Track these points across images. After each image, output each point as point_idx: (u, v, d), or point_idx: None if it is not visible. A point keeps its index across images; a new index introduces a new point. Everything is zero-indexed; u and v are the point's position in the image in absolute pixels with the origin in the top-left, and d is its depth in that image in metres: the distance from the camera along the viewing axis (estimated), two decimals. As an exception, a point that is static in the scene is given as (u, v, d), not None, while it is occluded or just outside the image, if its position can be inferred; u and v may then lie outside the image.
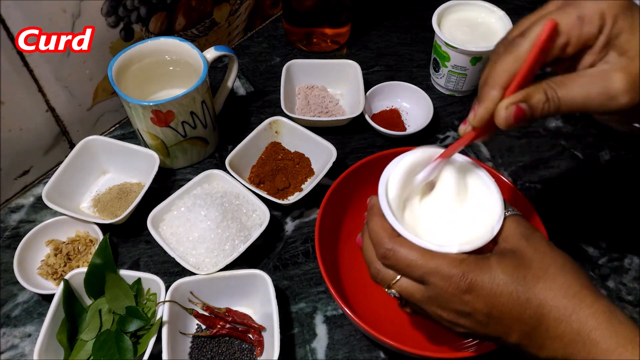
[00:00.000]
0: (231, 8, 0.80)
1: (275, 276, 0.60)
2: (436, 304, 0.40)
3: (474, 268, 0.38)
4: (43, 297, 0.59)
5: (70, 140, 0.69)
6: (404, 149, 0.59)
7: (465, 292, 0.38)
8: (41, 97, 0.62)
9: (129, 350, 0.51)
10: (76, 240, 0.61)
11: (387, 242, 0.41)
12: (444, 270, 0.38)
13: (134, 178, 0.67)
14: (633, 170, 0.70)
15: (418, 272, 0.39)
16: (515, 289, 0.37)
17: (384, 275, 0.42)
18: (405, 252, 0.40)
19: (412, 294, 0.41)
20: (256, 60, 0.82)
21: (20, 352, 0.55)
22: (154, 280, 0.55)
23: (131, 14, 0.66)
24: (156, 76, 0.67)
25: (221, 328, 0.54)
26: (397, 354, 0.54)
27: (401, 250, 0.40)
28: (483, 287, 0.38)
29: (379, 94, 0.74)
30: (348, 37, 0.83)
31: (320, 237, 0.53)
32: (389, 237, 0.41)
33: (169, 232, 0.59)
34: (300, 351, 0.55)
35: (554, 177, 0.69)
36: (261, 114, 0.75)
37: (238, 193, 0.62)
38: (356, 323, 0.48)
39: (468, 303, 0.38)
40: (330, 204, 0.55)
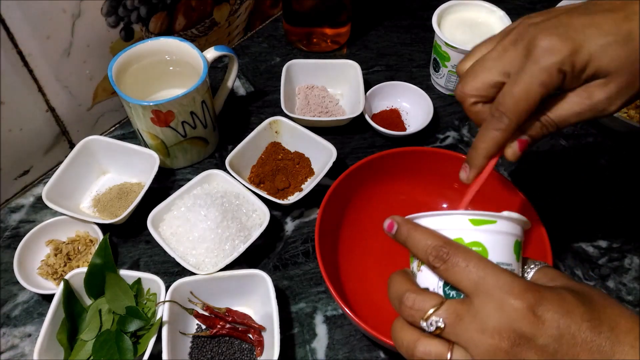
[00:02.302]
0: (231, 8, 0.80)
1: (275, 276, 0.60)
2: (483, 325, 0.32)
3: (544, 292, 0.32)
4: (43, 297, 0.59)
5: (70, 140, 0.69)
6: (404, 149, 0.60)
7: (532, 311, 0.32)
8: (41, 97, 0.62)
9: (129, 350, 0.51)
10: (76, 240, 0.61)
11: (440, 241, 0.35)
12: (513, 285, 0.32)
13: (134, 178, 0.67)
14: (633, 170, 0.70)
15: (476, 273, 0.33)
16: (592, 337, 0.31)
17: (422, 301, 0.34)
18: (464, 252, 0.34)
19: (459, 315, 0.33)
20: (256, 60, 0.82)
21: (20, 352, 0.55)
22: (154, 280, 0.55)
23: (131, 14, 0.66)
24: (156, 76, 0.67)
25: (221, 328, 0.54)
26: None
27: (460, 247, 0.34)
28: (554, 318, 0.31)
29: (379, 94, 0.74)
30: (348, 37, 0.83)
31: (320, 237, 0.53)
32: (440, 238, 0.35)
33: (169, 232, 0.59)
34: (300, 351, 0.55)
35: (554, 177, 0.69)
36: (261, 114, 0.75)
37: (238, 193, 0.62)
38: (356, 323, 0.48)
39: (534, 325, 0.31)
40: (330, 204, 0.55)
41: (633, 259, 0.62)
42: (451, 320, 0.33)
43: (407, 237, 0.37)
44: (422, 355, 0.34)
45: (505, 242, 0.36)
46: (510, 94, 0.38)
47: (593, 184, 0.68)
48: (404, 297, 0.35)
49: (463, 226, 0.36)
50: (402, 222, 0.37)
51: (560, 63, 0.36)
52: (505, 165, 0.70)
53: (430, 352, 0.33)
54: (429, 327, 0.33)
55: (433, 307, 0.33)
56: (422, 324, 0.34)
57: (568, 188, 0.68)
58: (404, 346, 0.35)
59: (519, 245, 0.37)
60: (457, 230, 0.36)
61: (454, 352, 0.33)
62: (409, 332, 0.35)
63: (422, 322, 0.34)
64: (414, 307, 0.34)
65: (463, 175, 0.43)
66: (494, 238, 0.36)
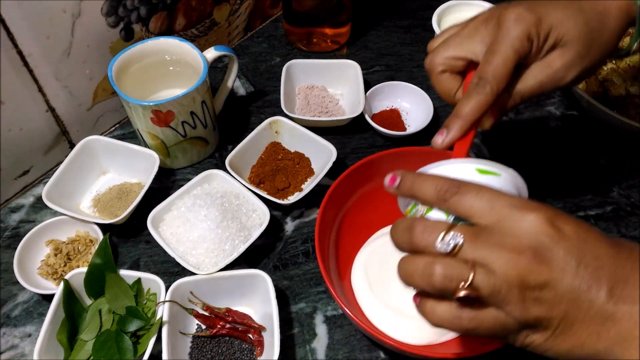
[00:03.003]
0: (231, 8, 0.80)
1: (275, 276, 0.60)
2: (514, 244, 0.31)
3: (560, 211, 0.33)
4: (43, 297, 0.59)
5: (70, 140, 0.69)
6: (404, 149, 0.60)
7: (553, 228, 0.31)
8: (41, 97, 0.62)
9: (129, 350, 0.51)
10: (76, 240, 0.61)
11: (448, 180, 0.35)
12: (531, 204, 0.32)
13: (134, 178, 0.67)
14: (633, 170, 0.70)
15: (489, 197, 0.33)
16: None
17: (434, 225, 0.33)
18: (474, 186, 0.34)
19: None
20: (256, 60, 0.82)
21: (20, 352, 0.55)
22: (154, 280, 0.55)
23: (131, 14, 0.66)
24: (156, 76, 0.67)
25: (221, 328, 0.54)
26: (397, 354, 0.54)
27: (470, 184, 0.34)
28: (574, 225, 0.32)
29: (379, 94, 0.74)
30: (348, 37, 0.83)
31: (320, 237, 0.53)
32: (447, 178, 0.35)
33: (169, 232, 0.59)
34: (300, 351, 0.55)
35: (553, 177, 0.69)
36: (261, 114, 0.75)
37: (238, 193, 0.62)
38: (356, 323, 0.48)
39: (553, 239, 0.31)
40: (330, 204, 0.55)
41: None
42: (468, 237, 0.32)
43: (413, 184, 0.36)
44: (441, 278, 0.32)
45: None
46: (490, 63, 0.41)
47: (593, 184, 0.68)
48: (413, 224, 0.34)
49: (470, 175, 0.37)
50: (406, 173, 0.37)
51: (527, 30, 0.40)
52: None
53: (452, 272, 0.32)
54: (445, 246, 0.32)
55: (445, 228, 0.33)
56: (438, 244, 0.32)
57: (568, 188, 0.68)
58: (418, 272, 0.33)
59: None
60: (464, 177, 0.36)
61: (477, 271, 0.31)
62: (421, 258, 0.33)
63: (438, 243, 0.32)
64: (426, 231, 0.33)
65: (438, 139, 0.43)
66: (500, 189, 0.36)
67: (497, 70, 0.41)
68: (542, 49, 0.42)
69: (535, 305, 0.31)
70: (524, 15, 0.40)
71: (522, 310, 0.31)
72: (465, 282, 0.31)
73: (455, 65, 0.44)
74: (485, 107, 0.42)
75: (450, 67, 0.44)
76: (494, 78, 0.41)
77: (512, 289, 0.31)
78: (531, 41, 0.41)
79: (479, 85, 0.41)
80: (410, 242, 0.34)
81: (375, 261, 0.59)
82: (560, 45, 0.42)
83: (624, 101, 0.70)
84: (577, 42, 0.41)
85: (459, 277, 0.31)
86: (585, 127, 0.74)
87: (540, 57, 0.43)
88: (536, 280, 0.31)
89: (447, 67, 0.44)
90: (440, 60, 0.44)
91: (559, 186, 0.68)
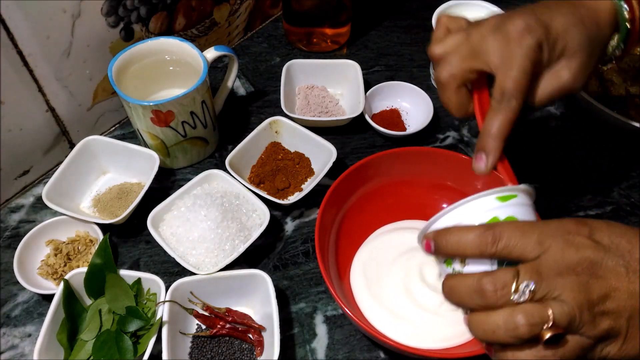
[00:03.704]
0: (231, 8, 0.80)
1: (275, 276, 0.60)
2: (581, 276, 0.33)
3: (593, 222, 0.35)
4: (43, 297, 0.59)
5: (70, 140, 0.69)
6: (404, 149, 0.60)
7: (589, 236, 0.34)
8: (41, 97, 0.62)
9: (129, 350, 0.51)
10: (76, 240, 0.61)
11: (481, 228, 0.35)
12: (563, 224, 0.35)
13: (134, 178, 0.67)
14: (633, 170, 0.70)
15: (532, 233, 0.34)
16: None
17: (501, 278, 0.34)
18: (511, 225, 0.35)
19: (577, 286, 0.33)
20: (256, 60, 0.82)
21: (20, 352, 0.55)
22: (154, 280, 0.55)
23: (131, 14, 0.66)
24: (156, 76, 0.67)
25: (221, 328, 0.54)
26: (397, 354, 0.54)
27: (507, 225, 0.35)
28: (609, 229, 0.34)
29: (379, 94, 0.74)
30: (348, 37, 0.83)
31: (320, 237, 0.53)
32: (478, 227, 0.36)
33: (169, 232, 0.59)
34: (300, 351, 0.55)
35: (554, 177, 0.69)
36: (261, 114, 0.75)
37: (238, 193, 0.62)
38: (356, 323, 0.48)
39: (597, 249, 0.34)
40: (330, 204, 0.55)
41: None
42: (536, 278, 0.33)
43: (451, 244, 0.37)
44: (527, 328, 0.32)
45: (529, 212, 0.39)
46: (510, 76, 0.41)
47: (593, 184, 0.68)
48: (482, 286, 0.34)
49: (493, 205, 0.37)
50: (437, 235, 0.38)
51: (539, 40, 0.41)
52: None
53: (534, 318, 0.32)
54: (522, 296, 0.33)
55: (513, 277, 0.33)
56: (514, 296, 0.33)
57: (568, 188, 0.68)
58: (501, 328, 0.33)
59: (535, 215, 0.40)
60: (490, 210, 0.37)
61: (552, 306, 0.33)
62: (498, 313, 0.34)
63: (514, 295, 0.33)
64: (497, 287, 0.34)
65: (481, 164, 0.43)
66: (522, 210, 0.38)
67: (518, 83, 0.41)
68: (552, 58, 0.42)
69: (604, 319, 0.33)
70: (533, 25, 0.40)
71: (594, 327, 0.33)
72: (548, 322, 0.32)
73: (469, 79, 0.43)
74: (514, 121, 0.42)
75: (468, 79, 0.44)
76: (517, 91, 0.41)
77: (584, 310, 0.33)
78: (542, 50, 0.41)
79: (504, 101, 0.41)
80: (486, 303, 0.34)
81: (374, 260, 0.59)
82: (567, 54, 0.42)
83: (624, 101, 0.70)
84: (581, 52, 0.42)
85: (542, 319, 0.33)
86: (585, 127, 0.74)
87: (549, 66, 0.43)
88: (599, 294, 0.33)
89: (465, 79, 0.43)
90: (459, 72, 0.43)
91: (559, 186, 0.68)
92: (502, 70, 0.41)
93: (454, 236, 0.36)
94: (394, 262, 0.58)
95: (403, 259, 0.58)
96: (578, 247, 0.34)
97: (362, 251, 0.60)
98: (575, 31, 0.42)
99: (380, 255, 0.59)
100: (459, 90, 0.44)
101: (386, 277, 0.57)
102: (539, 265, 0.34)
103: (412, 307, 0.55)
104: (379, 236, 0.61)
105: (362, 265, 0.58)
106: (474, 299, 0.35)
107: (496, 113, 0.42)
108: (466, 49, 0.43)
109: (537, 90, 0.43)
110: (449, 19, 0.47)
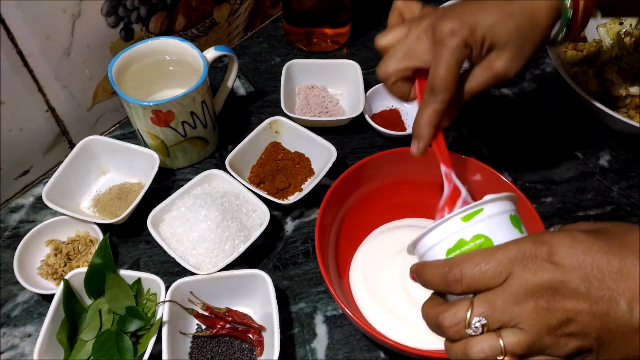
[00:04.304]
0: (231, 8, 0.80)
1: (275, 276, 0.60)
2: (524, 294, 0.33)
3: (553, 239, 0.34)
4: (43, 297, 0.59)
5: (70, 140, 0.69)
6: (404, 149, 0.59)
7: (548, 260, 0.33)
8: (41, 97, 0.62)
9: (129, 350, 0.51)
10: (76, 240, 0.61)
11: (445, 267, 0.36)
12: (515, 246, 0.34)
13: (134, 178, 0.67)
14: (633, 170, 0.70)
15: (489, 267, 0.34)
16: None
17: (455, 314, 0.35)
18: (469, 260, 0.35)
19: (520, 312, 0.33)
20: (256, 60, 0.82)
21: (20, 352, 0.55)
22: (154, 280, 0.55)
23: (131, 14, 0.66)
24: (156, 76, 0.67)
25: (221, 328, 0.54)
26: (397, 354, 0.54)
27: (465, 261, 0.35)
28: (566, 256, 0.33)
29: (379, 94, 0.74)
30: (348, 37, 0.83)
31: (320, 237, 0.53)
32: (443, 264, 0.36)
33: (169, 232, 0.59)
34: (300, 351, 0.55)
35: (554, 178, 0.69)
36: (261, 114, 0.75)
37: (238, 193, 0.62)
38: (356, 323, 0.48)
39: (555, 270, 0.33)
40: (330, 204, 0.55)
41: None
42: (488, 311, 0.34)
43: (424, 279, 0.38)
44: (481, 356, 0.34)
45: (501, 221, 0.38)
46: (437, 76, 0.45)
47: (593, 184, 0.68)
48: (439, 322, 0.36)
49: (458, 227, 0.37)
50: (414, 269, 0.40)
51: (464, 40, 0.44)
52: (505, 166, 0.70)
53: (484, 349, 0.34)
54: (476, 331, 0.34)
55: (467, 312, 0.34)
56: (469, 332, 0.34)
57: (568, 188, 0.68)
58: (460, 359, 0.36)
59: (516, 219, 0.39)
60: (455, 233, 0.38)
61: (503, 337, 0.33)
62: (457, 345, 0.35)
63: (468, 330, 0.34)
64: (452, 324, 0.35)
65: (414, 148, 0.49)
66: (489, 223, 0.37)
67: (445, 79, 0.45)
68: (482, 52, 0.46)
69: (570, 339, 0.33)
70: (457, 28, 0.44)
71: (560, 347, 0.33)
72: (502, 352, 0.33)
73: (406, 75, 0.49)
74: (442, 112, 0.47)
75: (402, 76, 0.49)
76: (443, 87, 0.45)
77: (544, 336, 0.33)
78: (469, 47, 0.45)
79: (432, 95, 0.46)
80: (447, 337, 0.36)
81: (372, 259, 0.59)
82: (496, 47, 0.46)
83: (624, 101, 0.70)
84: (510, 43, 0.46)
85: (493, 351, 0.33)
86: (585, 127, 0.74)
87: (481, 59, 0.47)
88: (559, 320, 0.33)
89: (400, 77, 0.49)
90: (393, 71, 0.48)
91: (559, 186, 0.68)
92: (432, 69, 0.46)
93: (426, 275, 0.38)
94: (391, 260, 0.58)
95: (399, 257, 0.58)
96: (535, 271, 0.33)
97: (360, 250, 0.60)
98: (502, 26, 0.45)
99: (379, 254, 0.59)
100: (397, 83, 0.50)
101: (384, 275, 0.57)
102: (494, 296, 0.34)
103: (410, 307, 0.54)
104: (377, 235, 0.61)
105: (361, 264, 0.59)
106: (437, 331, 0.37)
107: (425, 106, 0.47)
108: (402, 49, 0.48)
109: (472, 79, 0.48)
110: (403, 4, 0.51)
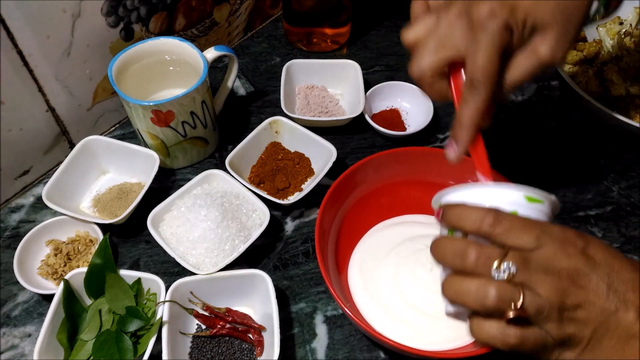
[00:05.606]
0: (231, 8, 0.80)
1: (275, 276, 0.60)
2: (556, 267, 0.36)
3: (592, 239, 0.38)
4: (43, 297, 0.59)
5: (70, 140, 0.69)
6: (404, 149, 0.60)
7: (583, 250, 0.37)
8: (41, 97, 0.62)
9: (129, 350, 0.51)
10: (76, 240, 0.61)
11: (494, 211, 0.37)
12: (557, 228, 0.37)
13: (134, 178, 0.67)
14: (633, 170, 0.70)
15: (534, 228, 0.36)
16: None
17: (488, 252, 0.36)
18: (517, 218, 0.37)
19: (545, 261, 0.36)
20: (256, 60, 0.82)
21: (20, 352, 0.55)
22: (154, 280, 0.55)
23: (131, 14, 0.66)
24: (156, 76, 0.67)
25: (221, 328, 0.54)
26: (397, 354, 0.54)
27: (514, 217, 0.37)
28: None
29: (379, 94, 0.74)
30: (348, 37, 0.83)
31: (320, 237, 0.53)
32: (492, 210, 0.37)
33: (169, 232, 0.59)
34: (300, 351, 0.55)
35: (554, 177, 0.69)
36: (261, 114, 0.75)
37: (238, 193, 0.62)
38: (356, 323, 0.48)
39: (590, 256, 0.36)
40: (330, 204, 0.55)
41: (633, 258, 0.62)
42: (520, 264, 0.35)
43: (460, 213, 0.38)
44: (495, 300, 0.35)
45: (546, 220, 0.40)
46: (477, 66, 0.40)
47: (593, 184, 0.68)
48: (467, 251, 0.36)
49: (520, 201, 0.39)
50: (447, 206, 0.40)
51: (505, 22, 0.39)
52: (505, 166, 0.70)
53: (505, 296, 0.35)
54: (501, 274, 0.35)
55: (500, 256, 0.36)
56: (494, 272, 0.35)
57: (568, 188, 0.68)
58: (471, 293, 0.36)
59: None
60: (512, 204, 0.39)
61: (525, 293, 0.35)
62: (473, 280, 0.36)
63: (494, 271, 0.35)
64: (480, 257, 0.36)
65: (451, 153, 0.44)
66: (540, 217, 0.40)
67: (485, 69, 0.40)
68: (523, 35, 0.41)
69: (570, 324, 0.36)
70: (496, 9, 0.40)
71: (559, 328, 0.36)
72: (516, 304, 0.35)
73: (441, 69, 0.44)
74: (484, 108, 0.42)
75: (439, 72, 0.44)
76: (484, 78, 0.41)
77: (553, 309, 0.35)
78: (510, 30, 0.40)
79: (472, 88, 0.41)
80: (463, 267, 0.37)
81: (368, 257, 0.58)
82: (540, 29, 0.41)
83: (624, 101, 0.70)
84: (554, 23, 0.41)
85: (511, 299, 0.35)
86: (585, 127, 0.74)
87: (523, 44, 0.42)
88: (572, 302, 0.35)
89: (437, 72, 0.44)
90: (429, 66, 0.43)
91: (559, 186, 0.68)
92: (470, 58, 0.41)
93: (465, 210, 0.38)
94: (386, 256, 0.58)
95: (393, 253, 0.57)
96: (570, 255, 0.36)
97: (358, 249, 0.60)
98: (543, 5, 0.40)
99: (374, 251, 0.59)
100: (434, 81, 0.44)
101: (379, 272, 0.57)
102: (528, 257, 0.36)
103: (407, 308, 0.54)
104: (374, 233, 0.61)
105: (359, 262, 0.58)
106: (454, 260, 0.37)
107: (466, 103, 0.42)
108: (435, 40, 0.43)
109: (514, 68, 0.42)
110: None
